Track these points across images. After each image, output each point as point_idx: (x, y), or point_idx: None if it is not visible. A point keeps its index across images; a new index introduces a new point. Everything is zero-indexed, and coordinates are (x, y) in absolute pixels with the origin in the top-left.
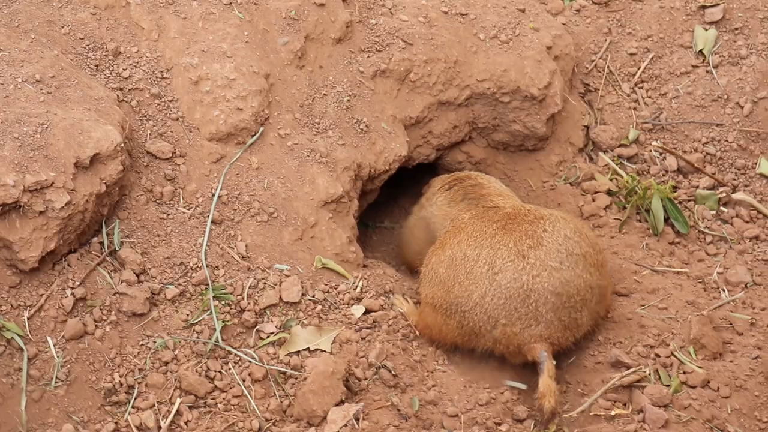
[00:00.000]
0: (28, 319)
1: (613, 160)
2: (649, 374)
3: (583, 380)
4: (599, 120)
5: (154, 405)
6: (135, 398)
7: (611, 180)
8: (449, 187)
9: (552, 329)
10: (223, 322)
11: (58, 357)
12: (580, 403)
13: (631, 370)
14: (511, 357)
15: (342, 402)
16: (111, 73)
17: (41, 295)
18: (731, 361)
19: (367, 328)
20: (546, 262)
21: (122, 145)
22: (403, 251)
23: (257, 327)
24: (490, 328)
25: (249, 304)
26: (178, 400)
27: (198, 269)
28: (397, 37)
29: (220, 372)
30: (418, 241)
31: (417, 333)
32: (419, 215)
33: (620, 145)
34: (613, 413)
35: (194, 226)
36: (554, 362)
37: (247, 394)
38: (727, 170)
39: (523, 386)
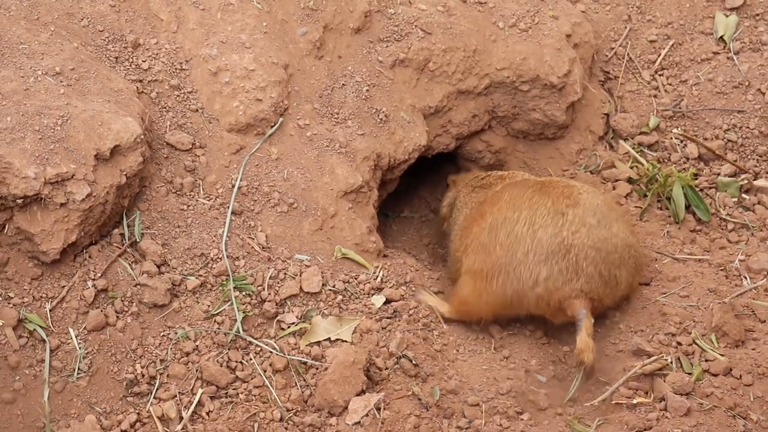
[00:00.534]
0: (50, 310)
1: (633, 148)
2: (671, 362)
3: (604, 368)
4: (619, 108)
5: (175, 395)
6: (157, 389)
7: (632, 168)
8: (472, 186)
9: (592, 284)
10: (243, 312)
11: (80, 348)
12: (601, 391)
13: (652, 358)
14: (552, 316)
15: (363, 392)
16: (130, 65)
17: (63, 286)
18: (753, 349)
19: (388, 317)
20: (585, 219)
21: (142, 136)
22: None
23: (278, 317)
24: (532, 284)
25: (269, 294)
26: (200, 391)
27: (218, 260)
28: (415, 26)
29: (241, 362)
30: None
31: (445, 319)
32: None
33: (641, 133)
34: (635, 401)
35: (214, 217)
36: (593, 320)
37: (268, 385)
38: (749, 157)
39: (543, 379)
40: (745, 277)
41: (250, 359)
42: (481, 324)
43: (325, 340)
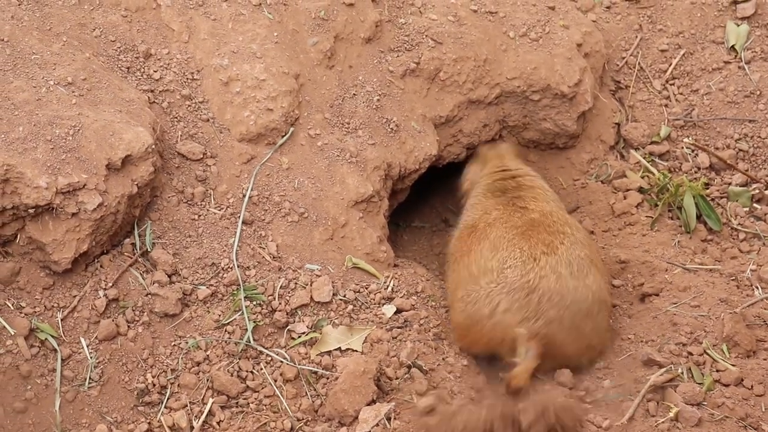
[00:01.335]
0: (61, 320)
1: (644, 158)
2: (682, 372)
3: (616, 380)
4: (630, 117)
5: (186, 405)
6: (168, 398)
7: (643, 177)
8: (492, 182)
9: (551, 328)
10: (254, 322)
11: (91, 358)
12: (620, 407)
13: (662, 370)
14: (506, 352)
15: (373, 401)
16: (142, 75)
17: (74, 296)
18: (765, 359)
19: (398, 327)
20: (556, 268)
21: (153, 146)
22: None
23: (288, 327)
24: (489, 313)
25: (280, 304)
26: (211, 400)
27: (229, 270)
28: (426, 36)
29: (251, 372)
30: None
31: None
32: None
33: (652, 143)
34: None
35: (225, 227)
36: (537, 362)
37: (279, 394)
38: (760, 167)
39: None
40: (757, 287)
41: (261, 369)
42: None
43: (335, 349)
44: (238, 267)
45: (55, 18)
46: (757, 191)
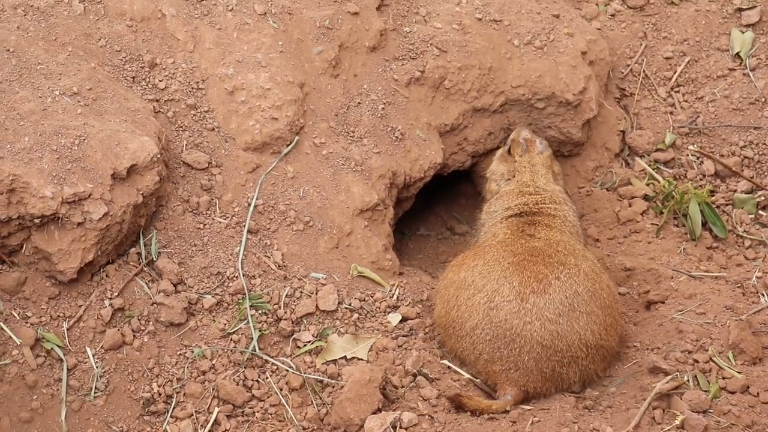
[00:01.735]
0: (67, 329)
1: (649, 165)
2: (688, 380)
3: (621, 388)
4: (635, 125)
5: (192, 414)
6: (173, 408)
7: (648, 185)
8: (514, 203)
9: (530, 378)
10: (260, 331)
11: (97, 367)
12: (625, 415)
13: (668, 377)
14: (489, 387)
15: (379, 410)
16: (147, 85)
17: (80, 305)
18: None
19: (404, 335)
20: (543, 312)
21: (159, 155)
22: None
23: (294, 336)
24: (474, 359)
25: (286, 313)
26: (216, 410)
27: (235, 279)
28: (431, 44)
29: (257, 381)
30: None
31: None
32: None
33: (657, 150)
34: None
35: (230, 236)
36: (510, 408)
37: (285, 403)
38: (766, 173)
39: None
40: (763, 294)
41: (267, 378)
42: None
43: (341, 358)
44: (243, 276)
45: (61, 28)
46: (763, 198)
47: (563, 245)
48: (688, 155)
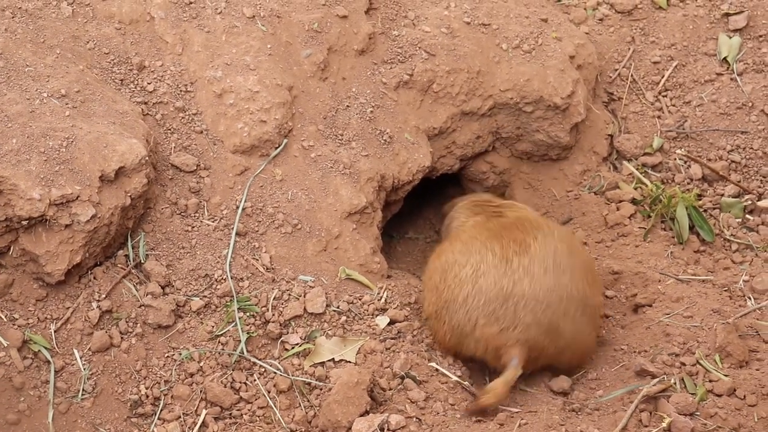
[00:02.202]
0: (54, 331)
1: (637, 169)
2: (675, 383)
3: (608, 390)
4: (623, 129)
5: (179, 417)
6: (161, 410)
7: (636, 189)
8: (473, 206)
9: (530, 333)
10: (248, 333)
11: (84, 369)
12: (612, 418)
13: (655, 380)
14: (492, 360)
15: (367, 412)
16: (135, 87)
17: (67, 308)
18: (758, 369)
19: (392, 338)
20: (529, 268)
21: (147, 158)
22: None
23: (282, 338)
24: (470, 329)
25: (274, 315)
26: (204, 412)
27: (223, 281)
28: (419, 48)
29: (245, 383)
30: None
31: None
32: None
33: (644, 154)
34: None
35: (219, 238)
36: (520, 372)
37: (273, 405)
38: (753, 178)
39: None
40: (749, 298)
41: (254, 380)
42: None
43: (329, 360)
44: (231, 278)
45: (49, 30)
46: (750, 202)
47: (533, 219)
48: (675, 159)
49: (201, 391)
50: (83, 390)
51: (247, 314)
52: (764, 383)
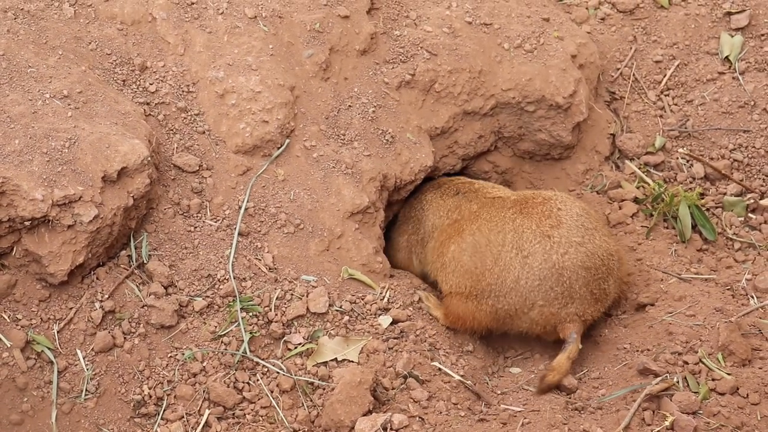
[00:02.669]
0: (57, 332)
1: (639, 168)
2: (678, 381)
3: (611, 389)
4: (625, 128)
5: (182, 417)
6: (164, 410)
7: (638, 188)
8: (438, 186)
9: (586, 305)
10: (250, 333)
11: (87, 369)
12: (615, 417)
13: (658, 379)
14: (546, 336)
15: (370, 411)
16: (138, 88)
17: (70, 308)
18: (760, 368)
19: (395, 338)
20: (570, 239)
21: (149, 158)
22: (395, 257)
23: (285, 338)
24: (527, 310)
25: (276, 315)
26: (207, 412)
27: (225, 281)
28: (421, 47)
29: (248, 383)
30: (408, 242)
31: (444, 324)
32: (409, 216)
33: (647, 153)
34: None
35: (221, 239)
36: (580, 346)
37: (275, 405)
38: (755, 176)
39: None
40: (752, 297)
41: (257, 380)
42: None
43: (331, 360)
44: (234, 278)
45: (51, 32)
46: (752, 201)
47: (530, 191)
48: (678, 158)
49: (204, 391)
50: (86, 390)
51: (250, 314)
52: (767, 382)
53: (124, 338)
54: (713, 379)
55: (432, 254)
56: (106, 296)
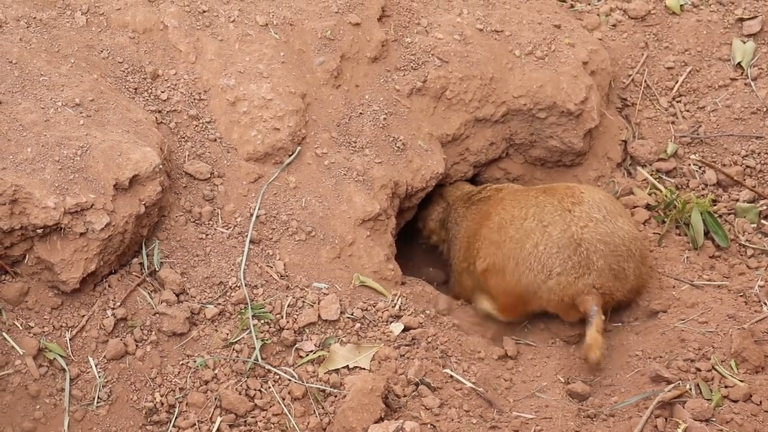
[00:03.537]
0: (70, 339)
1: (651, 175)
2: (690, 388)
3: (623, 396)
4: (637, 134)
5: (194, 424)
6: (176, 417)
7: (650, 194)
8: (465, 197)
9: (603, 278)
10: (262, 340)
11: (99, 377)
12: (628, 424)
13: (671, 386)
14: (565, 313)
15: (381, 419)
16: (149, 96)
17: (83, 315)
18: None
19: (406, 345)
20: (591, 215)
21: (161, 166)
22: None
23: (296, 345)
24: (544, 277)
25: (288, 322)
26: (219, 419)
27: (237, 288)
28: (432, 55)
29: (260, 390)
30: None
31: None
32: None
33: (659, 159)
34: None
35: (233, 246)
36: (603, 317)
37: (287, 413)
38: None
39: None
40: (765, 303)
41: (269, 387)
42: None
43: (343, 367)
44: (245, 286)
45: (63, 40)
46: (765, 207)
47: (558, 184)
48: (690, 165)
49: (216, 399)
50: (98, 398)
51: (262, 321)
52: None
53: (136, 346)
54: (726, 386)
55: (461, 254)
56: (118, 304)
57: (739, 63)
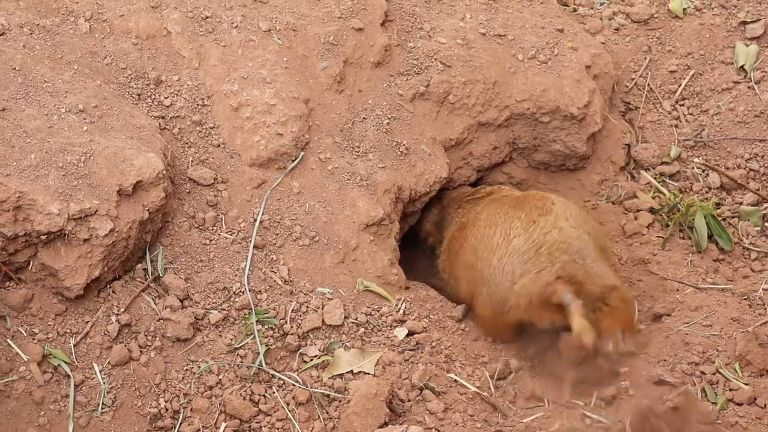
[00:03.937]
0: (74, 346)
1: (655, 178)
2: (695, 392)
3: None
4: (640, 138)
5: (199, 429)
6: (180, 423)
7: (653, 198)
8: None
9: (567, 268)
10: (266, 346)
11: (104, 383)
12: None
13: (677, 391)
14: (539, 317)
15: (386, 423)
16: (153, 102)
17: (87, 322)
18: None
19: (410, 349)
20: (556, 223)
21: (164, 172)
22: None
23: (300, 350)
24: (509, 284)
25: (292, 327)
26: (223, 425)
27: (241, 294)
28: (435, 59)
29: (264, 396)
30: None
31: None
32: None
33: (662, 163)
34: None
35: (237, 251)
36: (580, 301)
37: (292, 418)
38: None
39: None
40: None
41: (273, 392)
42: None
43: (347, 372)
44: (249, 291)
45: (66, 46)
46: None
47: (539, 192)
48: (693, 168)
49: (220, 404)
50: (103, 404)
51: (266, 327)
52: None
53: (140, 351)
54: (731, 390)
55: (444, 260)
56: (122, 310)
57: (742, 66)
